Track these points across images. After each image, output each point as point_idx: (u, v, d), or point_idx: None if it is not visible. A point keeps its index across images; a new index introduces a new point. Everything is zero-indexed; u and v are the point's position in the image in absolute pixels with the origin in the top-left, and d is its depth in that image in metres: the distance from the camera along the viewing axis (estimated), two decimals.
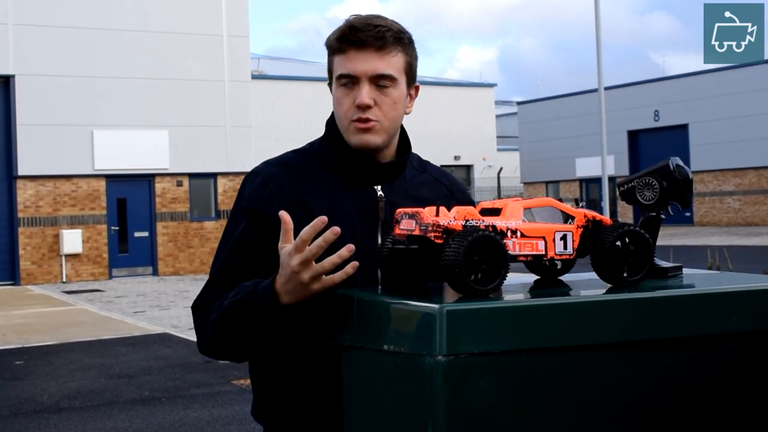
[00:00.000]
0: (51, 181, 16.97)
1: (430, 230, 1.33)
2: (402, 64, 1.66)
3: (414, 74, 1.71)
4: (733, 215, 30.78)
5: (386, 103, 1.64)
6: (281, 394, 1.65)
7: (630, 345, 1.27)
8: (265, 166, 1.71)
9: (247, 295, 1.52)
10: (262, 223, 1.63)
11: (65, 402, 6.55)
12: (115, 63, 17.28)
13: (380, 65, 1.62)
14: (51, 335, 10.04)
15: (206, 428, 5.70)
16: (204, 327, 1.62)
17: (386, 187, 1.69)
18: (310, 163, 1.70)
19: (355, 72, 1.62)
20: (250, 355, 1.65)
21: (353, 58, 1.62)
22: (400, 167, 1.72)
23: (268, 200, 1.63)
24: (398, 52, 1.64)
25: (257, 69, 30.33)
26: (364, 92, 1.61)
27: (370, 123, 1.63)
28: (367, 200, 1.66)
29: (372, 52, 1.61)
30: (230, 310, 1.54)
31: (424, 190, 1.74)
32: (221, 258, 1.66)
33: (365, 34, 1.60)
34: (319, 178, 1.67)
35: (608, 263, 1.39)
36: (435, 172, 1.82)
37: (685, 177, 1.54)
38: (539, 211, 1.41)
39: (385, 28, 1.62)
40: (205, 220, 18.42)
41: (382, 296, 1.37)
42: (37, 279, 16.86)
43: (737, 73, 29.59)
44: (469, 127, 35.07)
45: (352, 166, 1.68)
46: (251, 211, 1.65)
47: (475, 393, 1.18)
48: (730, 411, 1.34)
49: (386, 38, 1.61)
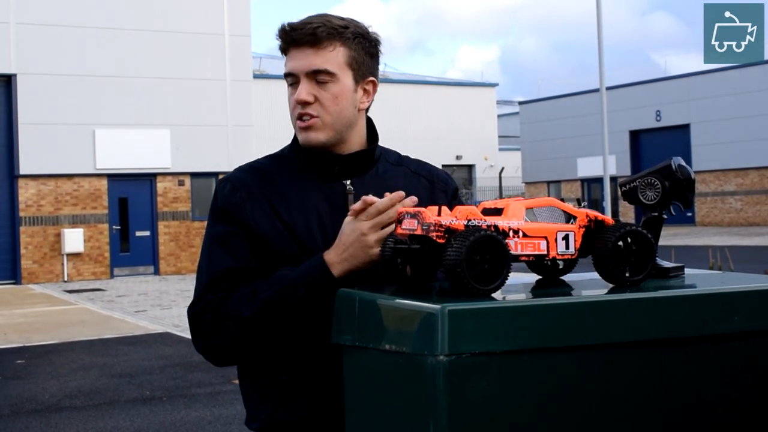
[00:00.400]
0: (52, 180, 16.98)
1: (432, 230, 1.32)
2: (343, 58, 1.64)
3: (364, 68, 1.68)
4: (735, 215, 30.75)
5: (326, 98, 1.64)
6: (280, 396, 1.63)
7: (632, 345, 1.27)
8: (236, 172, 1.73)
9: (292, 281, 1.53)
10: (238, 224, 1.65)
11: (66, 401, 6.56)
12: (117, 62, 17.29)
13: (315, 60, 1.63)
14: (52, 334, 10.05)
15: (207, 428, 5.70)
16: (222, 327, 1.58)
17: (356, 180, 1.69)
18: (281, 165, 1.72)
19: (292, 69, 1.65)
20: (275, 349, 1.61)
21: (292, 57, 1.65)
22: (365, 158, 1.71)
23: (238, 204, 1.65)
24: (336, 47, 1.64)
25: (259, 68, 30.33)
26: (301, 89, 1.64)
27: (310, 120, 1.64)
28: (335, 194, 1.67)
29: (307, 49, 1.63)
30: (274, 299, 1.52)
31: (399, 182, 1.72)
32: (215, 258, 1.64)
33: (299, 32, 1.63)
34: (288, 179, 1.68)
35: (610, 263, 1.38)
36: (412, 165, 1.80)
37: (688, 177, 1.54)
38: (541, 211, 1.41)
39: (318, 25, 1.62)
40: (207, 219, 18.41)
41: (384, 296, 1.37)
42: (38, 278, 16.87)
43: (739, 74, 29.57)
44: (470, 127, 35.07)
45: (317, 164, 1.68)
46: (226, 211, 1.66)
47: (476, 393, 1.17)
48: (732, 411, 1.34)
49: (318, 34, 1.62)
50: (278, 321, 1.53)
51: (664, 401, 1.29)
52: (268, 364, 1.64)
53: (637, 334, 1.27)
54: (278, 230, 1.63)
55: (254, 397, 1.68)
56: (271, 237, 1.62)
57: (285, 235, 1.63)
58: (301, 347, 1.60)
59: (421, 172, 1.80)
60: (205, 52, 18.17)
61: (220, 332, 1.58)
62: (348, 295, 1.43)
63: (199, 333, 1.63)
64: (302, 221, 1.64)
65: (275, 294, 1.52)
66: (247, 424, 1.71)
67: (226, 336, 1.57)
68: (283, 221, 1.63)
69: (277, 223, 1.63)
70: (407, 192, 1.70)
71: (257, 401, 1.67)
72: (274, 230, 1.63)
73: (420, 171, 1.80)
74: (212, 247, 1.65)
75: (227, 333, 1.57)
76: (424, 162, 1.85)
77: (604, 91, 17.79)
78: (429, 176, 1.80)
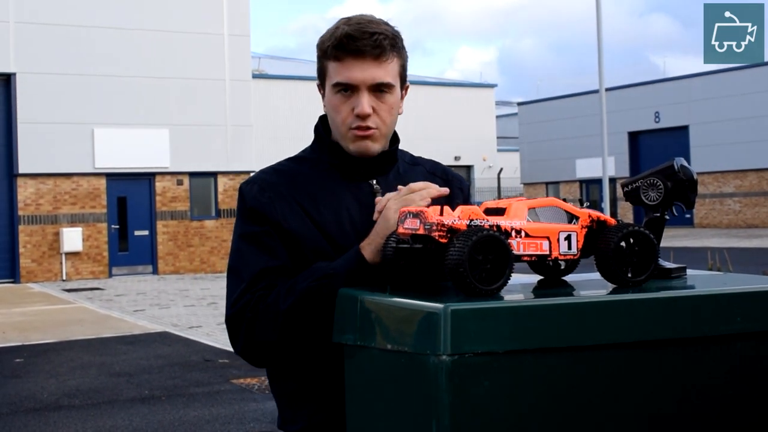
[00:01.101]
0: (51, 179, 16.97)
1: (435, 229, 1.32)
2: (397, 69, 1.66)
3: (406, 75, 1.72)
4: (734, 217, 30.77)
5: (384, 109, 1.65)
6: (308, 397, 1.62)
7: (634, 346, 1.27)
8: (260, 174, 1.72)
9: (329, 271, 1.52)
10: (268, 223, 1.64)
11: (65, 400, 6.55)
12: (117, 61, 17.27)
13: (378, 74, 1.62)
14: (51, 333, 10.04)
15: (206, 427, 5.70)
16: (262, 324, 1.55)
17: (381, 179, 1.71)
18: (304, 167, 1.72)
19: (353, 81, 1.62)
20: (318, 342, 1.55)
21: (351, 67, 1.61)
22: (390, 158, 1.73)
23: (268, 204, 1.64)
24: (394, 59, 1.64)
25: (258, 68, 30.32)
26: (364, 102, 1.61)
27: (369, 131, 1.64)
28: (363, 193, 1.68)
29: (370, 61, 1.61)
30: (312, 290, 1.51)
31: (419, 181, 1.71)
32: (251, 257, 1.61)
33: (363, 43, 1.59)
34: (314, 179, 1.69)
35: (612, 264, 1.38)
36: (427, 165, 1.83)
37: (690, 177, 1.54)
38: (543, 211, 1.40)
39: (382, 36, 1.61)
40: (206, 218, 18.41)
41: (386, 295, 1.37)
42: (37, 277, 16.86)
43: (738, 75, 29.59)
44: (469, 128, 35.06)
45: (344, 164, 1.69)
46: (257, 212, 1.64)
47: (479, 393, 1.17)
48: (735, 412, 1.34)
49: (384, 46, 1.61)
50: (316, 311, 1.51)
51: (667, 402, 1.29)
52: (306, 365, 1.62)
53: (639, 334, 1.27)
54: (310, 229, 1.63)
55: (291, 399, 1.66)
56: (303, 235, 1.62)
57: (317, 233, 1.63)
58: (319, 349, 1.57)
59: (436, 171, 1.82)
60: (205, 51, 18.16)
61: (261, 329, 1.55)
62: (350, 294, 1.43)
63: (238, 333, 1.59)
64: (334, 220, 1.64)
65: (313, 284, 1.51)
66: (282, 428, 1.68)
67: (267, 332, 1.55)
68: (314, 220, 1.64)
69: (308, 221, 1.64)
70: None
71: (295, 403, 1.65)
72: (305, 229, 1.63)
73: (435, 171, 1.82)
74: (246, 248, 1.63)
75: (268, 329, 1.54)
76: (436, 161, 1.87)
77: (604, 92, 17.79)
78: (444, 175, 1.82)
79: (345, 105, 1.64)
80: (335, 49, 1.62)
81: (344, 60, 1.61)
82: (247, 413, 6.02)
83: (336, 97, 1.65)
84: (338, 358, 1.50)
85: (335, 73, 1.63)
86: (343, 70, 1.62)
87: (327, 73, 1.66)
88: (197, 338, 9.41)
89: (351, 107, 1.63)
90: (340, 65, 1.62)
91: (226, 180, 18.42)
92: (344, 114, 1.64)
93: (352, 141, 1.65)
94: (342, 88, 1.63)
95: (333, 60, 1.63)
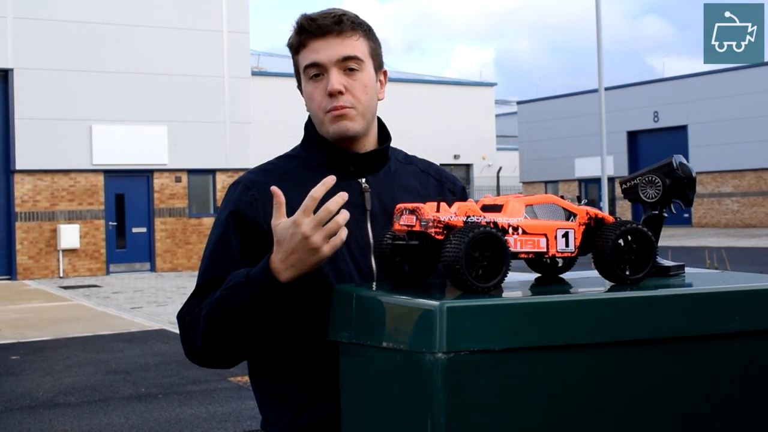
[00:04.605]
0: (49, 176, 16.94)
1: (431, 226, 1.31)
2: (366, 48, 1.65)
3: (380, 60, 1.70)
4: (732, 217, 30.79)
5: (357, 87, 1.62)
6: (304, 398, 1.59)
7: (632, 344, 1.26)
8: (247, 174, 1.71)
9: (241, 279, 1.49)
10: (247, 226, 1.61)
11: (61, 398, 6.53)
12: (115, 58, 17.26)
13: (344, 48, 1.61)
14: (47, 330, 10.02)
15: (202, 425, 5.69)
16: (194, 328, 1.56)
17: (371, 178, 1.68)
18: (293, 165, 1.70)
19: (320, 60, 1.61)
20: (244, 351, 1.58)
21: (315, 48, 1.61)
22: (381, 156, 1.71)
23: (251, 204, 1.62)
24: (359, 37, 1.64)
25: (257, 65, 30.29)
26: (333, 79, 1.60)
27: (344, 110, 1.61)
28: (352, 192, 1.64)
29: (333, 38, 1.61)
30: (224, 297, 1.49)
31: (411, 181, 1.73)
32: (205, 265, 1.63)
33: (322, 21, 1.61)
34: (302, 177, 1.66)
35: (610, 261, 1.37)
36: (421, 164, 1.81)
37: (688, 175, 1.53)
38: (541, 208, 1.39)
39: (343, 15, 1.62)
40: (204, 216, 18.39)
41: (382, 292, 1.36)
42: (34, 274, 16.84)
43: (737, 75, 29.61)
44: (468, 127, 35.06)
45: (333, 161, 1.67)
46: (236, 213, 1.63)
47: (475, 391, 1.16)
48: (732, 411, 1.33)
49: (344, 22, 1.62)
50: (228, 319, 1.49)
51: (664, 400, 1.28)
52: (287, 366, 1.60)
53: (637, 332, 1.26)
54: None
55: (272, 400, 1.64)
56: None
57: None
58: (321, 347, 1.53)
59: (429, 171, 1.80)
60: (204, 48, 18.14)
61: (192, 334, 1.57)
62: (345, 291, 1.42)
63: (182, 335, 1.61)
64: None
65: (225, 292, 1.50)
66: (264, 428, 1.66)
67: (195, 336, 1.56)
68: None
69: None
70: (419, 190, 1.71)
71: (276, 404, 1.63)
72: None
73: (428, 170, 1.80)
74: (209, 253, 1.64)
75: (196, 333, 1.56)
76: (430, 162, 1.85)
77: (603, 91, 17.79)
78: (437, 175, 1.80)
79: (318, 90, 1.63)
80: (298, 35, 1.63)
81: (309, 44, 1.62)
82: (244, 411, 6.01)
83: (309, 84, 1.64)
84: (328, 357, 1.49)
85: (302, 60, 1.64)
86: (309, 53, 1.62)
87: (298, 66, 1.67)
88: None
89: (323, 89, 1.62)
90: (306, 50, 1.63)
91: (225, 177, 18.40)
92: (318, 98, 1.63)
93: (330, 123, 1.63)
94: (313, 71, 1.63)
95: (301, 49, 1.64)
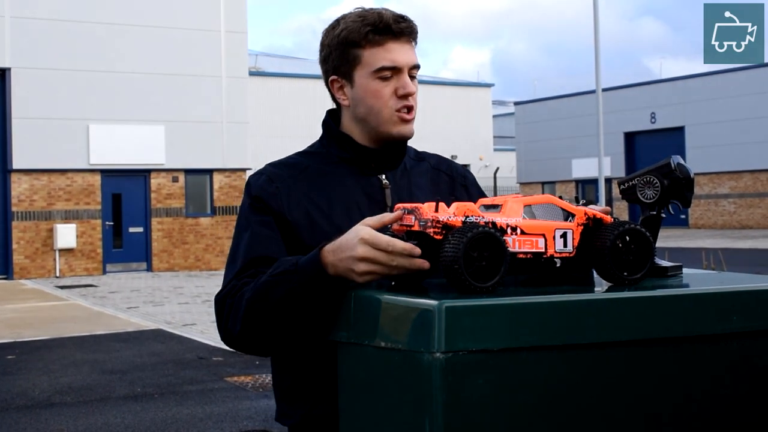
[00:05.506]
0: (45, 175, 16.92)
1: (429, 226, 1.31)
2: None
3: None
4: (728, 218, 30.85)
5: (415, 94, 1.68)
6: (305, 392, 1.61)
7: (630, 344, 1.26)
8: (269, 167, 1.72)
9: (290, 267, 1.46)
10: (273, 213, 1.63)
11: (57, 397, 6.52)
12: (112, 57, 17.23)
13: (414, 56, 1.67)
14: (43, 330, 10.00)
15: (199, 425, 5.68)
16: (234, 311, 1.52)
17: (390, 175, 1.71)
18: (313, 161, 1.71)
19: (398, 63, 1.63)
20: (281, 341, 1.53)
21: (392, 49, 1.63)
22: (399, 153, 1.73)
23: (274, 194, 1.64)
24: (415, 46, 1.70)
25: (255, 65, 30.28)
26: (408, 82, 1.64)
27: (412, 113, 1.67)
28: (373, 188, 1.68)
29: (407, 43, 1.66)
30: (269, 284, 1.46)
31: (424, 178, 1.76)
32: (245, 246, 1.60)
33: (404, 25, 1.64)
34: (323, 172, 1.68)
35: (609, 262, 1.37)
36: (432, 160, 1.83)
37: (687, 176, 1.53)
38: (539, 209, 1.39)
39: (412, 21, 1.67)
40: (201, 216, 18.38)
41: (380, 292, 1.35)
42: (30, 273, 16.80)
43: (734, 76, 29.67)
44: (466, 127, 35.10)
45: (354, 158, 1.69)
46: (262, 200, 1.64)
47: (473, 391, 1.16)
48: (730, 412, 1.33)
49: (416, 31, 1.67)
50: (270, 306, 1.46)
51: (662, 401, 1.28)
52: (306, 359, 1.60)
53: (635, 333, 1.26)
54: (315, 222, 1.62)
55: (290, 392, 1.64)
56: (306, 228, 1.61)
57: (323, 226, 1.61)
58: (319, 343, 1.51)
59: (441, 167, 1.82)
60: (201, 48, 18.12)
61: (231, 318, 1.53)
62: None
63: (220, 318, 1.57)
64: (343, 213, 1.63)
65: (272, 278, 1.47)
66: (279, 420, 1.67)
67: (235, 321, 1.52)
68: (323, 213, 1.63)
69: (316, 214, 1.62)
70: (431, 188, 1.74)
71: (293, 396, 1.63)
72: (309, 221, 1.62)
73: (440, 166, 1.82)
74: (243, 236, 1.62)
75: (236, 317, 1.52)
76: (441, 156, 1.86)
77: (600, 92, 17.81)
78: (449, 171, 1.82)
79: (386, 89, 1.64)
80: (376, 33, 1.62)
81: (385, 44, 1.63)
82: (241, 411, 6.00)
83: (375, 82, 1.64)
84: (331, 355, 1.47)
85: (376, 59, 1.63)
86: (386, 53, 1.63)
87: (360, 61, 1.65)
88: (191, 336, 9.39)
89: (392, 90, 1.64)
90: (380, 49, 1.63)
91: (222, 177, 18.39)
92: (386, 96, 1.64)
93: (396, 124, 1.66)
94: (384, 72, 1.63)
95: (371, 46, 1.63)
